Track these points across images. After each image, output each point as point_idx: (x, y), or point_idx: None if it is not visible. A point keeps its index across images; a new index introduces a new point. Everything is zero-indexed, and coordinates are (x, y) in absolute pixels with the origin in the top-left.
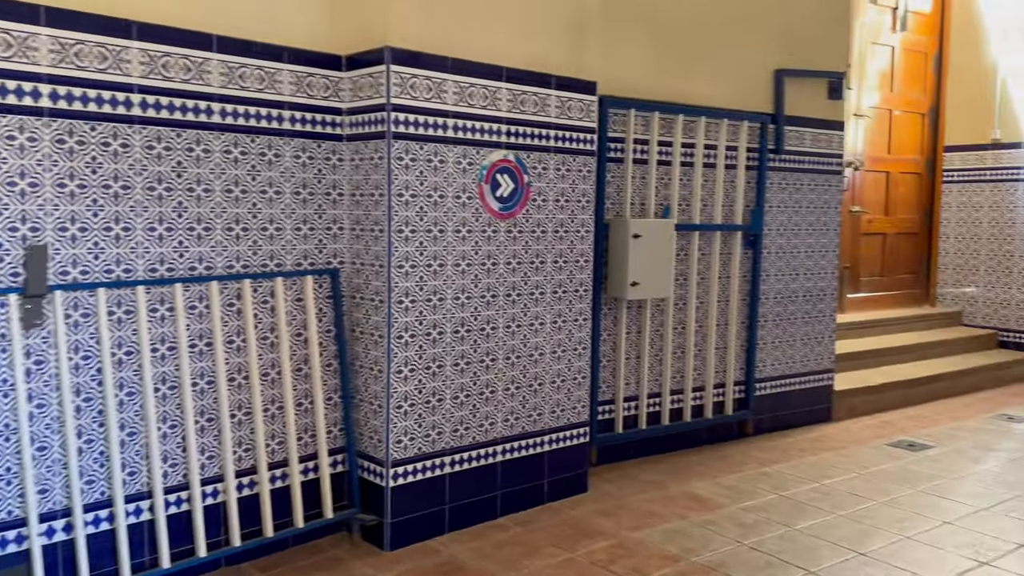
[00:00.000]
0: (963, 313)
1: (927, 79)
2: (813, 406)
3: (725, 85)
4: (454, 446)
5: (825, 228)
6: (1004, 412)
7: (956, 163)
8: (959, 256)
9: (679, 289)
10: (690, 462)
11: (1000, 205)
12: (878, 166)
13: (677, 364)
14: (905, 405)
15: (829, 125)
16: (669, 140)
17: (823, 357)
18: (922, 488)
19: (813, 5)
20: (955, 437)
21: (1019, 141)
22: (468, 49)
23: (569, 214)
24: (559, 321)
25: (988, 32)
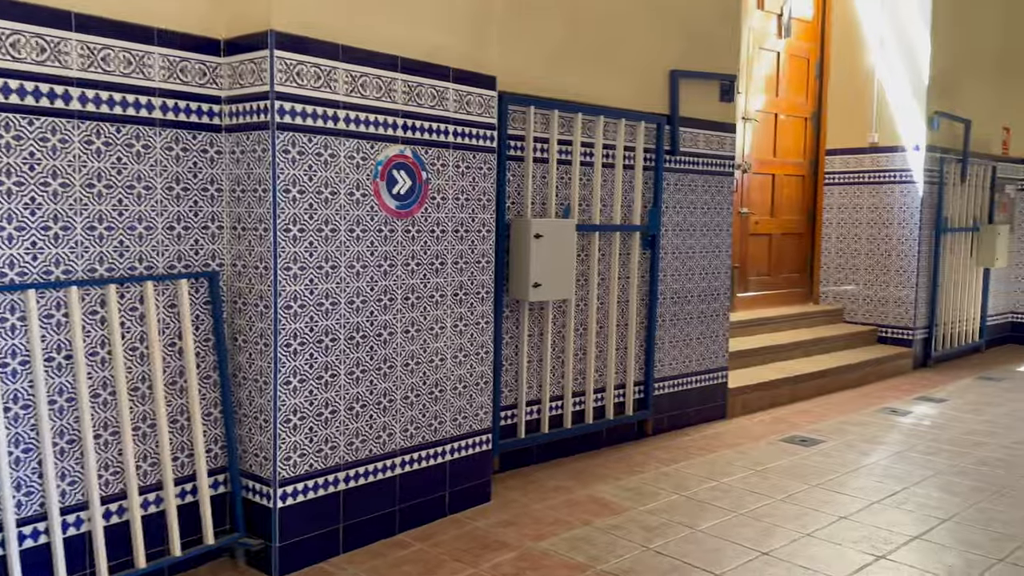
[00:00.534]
0: (845, 310)
1: (810, 84)
2: (709, 404)
3: (623, 85)
4: (349, 461)
5: (719, 229)
6: (888, 405)
7: (837, 166)
8: (840, 256)
9: (580, 290)
10: (593, 464)
11: (878, 207)
12: (764, 169)
13: (579, 366)
14: (795, 400)
15: (721, 127)
16: (569, 139)
17: (718, 355)
18: (817, 483)
19: (706, 8)
20: (844, 431)
21: (896, 145)
22: (361, 37)
23: (470, 213)
24: (460, 325)
25: (866, 39)
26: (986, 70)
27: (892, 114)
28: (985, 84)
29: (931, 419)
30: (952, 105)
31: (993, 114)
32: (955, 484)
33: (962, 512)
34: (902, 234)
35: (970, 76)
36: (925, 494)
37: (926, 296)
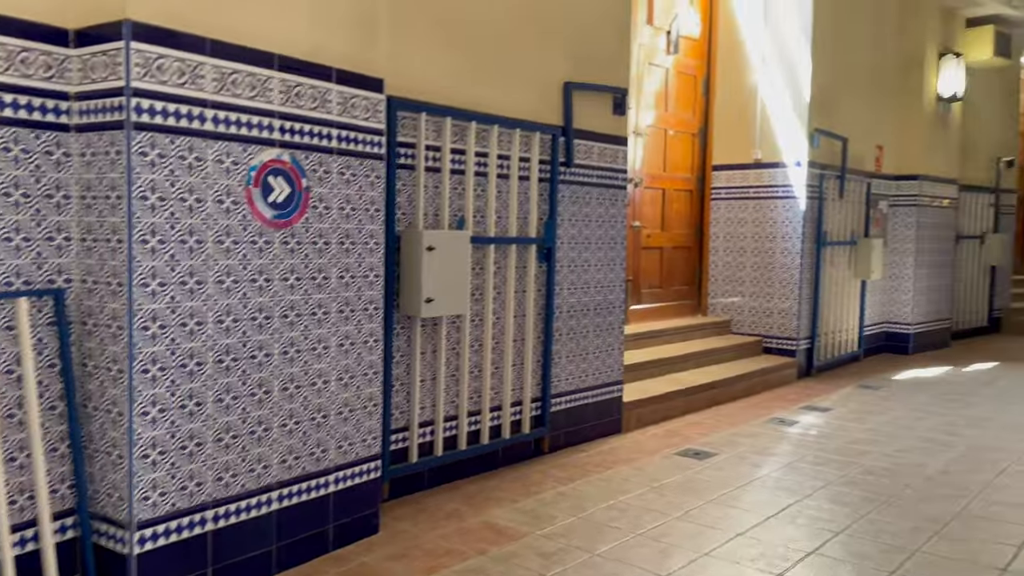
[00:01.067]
0: (732, 322)
1: (697, 101)
2: (605, 419)
3: (517, 95)
4: (218, 498)
5: (613, 242)
6: (776, 416)
7: (723, 181)
8: (728, 268)
9: (475, 305)
10: (489, 487)
11: (763, 221)
12: (655, 183)
13: (474, 384)
14: (688, 412)
15: (614, 140)
16: (463, 148)
17: (613, 369)
18: (712, 499)
19: (598, 22)
20: (735, 443)
21: (778, 161)
22: (233, 30)
23: (356, 224)
24: (346, 344)
25: (750, 57)
26: (860, 91)
27: (775, 131)
28: (860, 104)
29: (817, 429)
30: (831, 123)
31: (867, 132)
32: (844, 495)
33: (853, 524)
34: (785, 247)
35: (846, 96)
36: (817, 506)
37: (808, 307)
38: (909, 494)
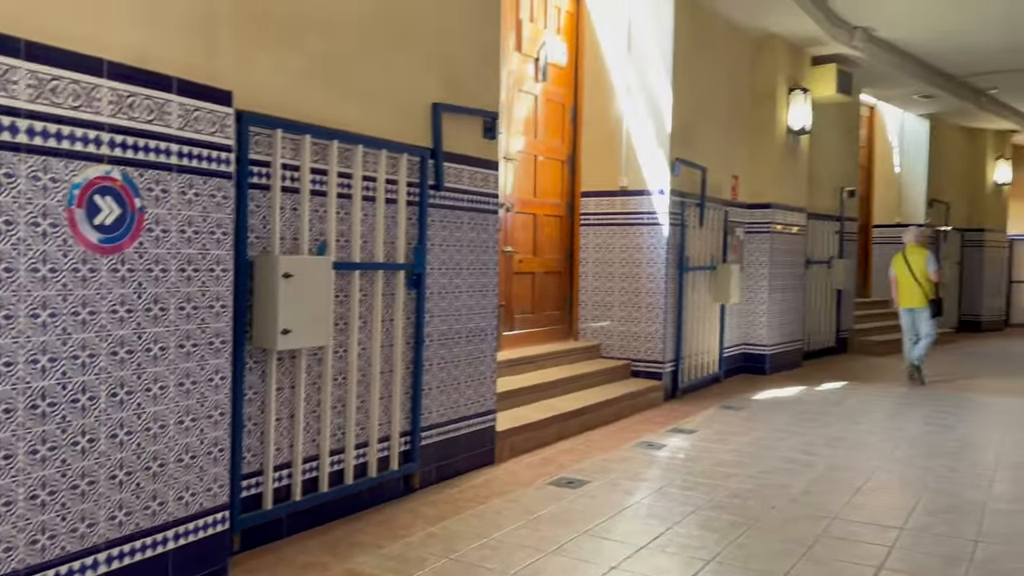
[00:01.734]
0: (602, 346)
1: (565, 128)
2: (478, 450)
3: (384, 114)
4: (32, 564)
5: (485, 267)
6: (645, 439)
7: (592, 207)
8: (597, 293)
9: (339, 335)
10: (354, 530)
11: (629, 247)
12: (526, 208)
13: (338, 420)
14: (561, 439)
15: (485, 164)
16: (324, 168)
17: (486, 398)
18: (586, 530)
19: (467, 45)
20: (607, 469)
21: (643, 188)
22: (53, 32)
23: (200, 249)
24: (188, 383)
25: (615, 87)
26: (717, 123)
27: (640, 159)
28: (717, 135)
29: (685, 452)
30: (691, 153)
31: (724, 162)
32: (713, 520)
33: (723, 551)
34: (651, 273)
35: (705, 127)
36: (687, 533)
37: (673, 331)
38: (775, 516)
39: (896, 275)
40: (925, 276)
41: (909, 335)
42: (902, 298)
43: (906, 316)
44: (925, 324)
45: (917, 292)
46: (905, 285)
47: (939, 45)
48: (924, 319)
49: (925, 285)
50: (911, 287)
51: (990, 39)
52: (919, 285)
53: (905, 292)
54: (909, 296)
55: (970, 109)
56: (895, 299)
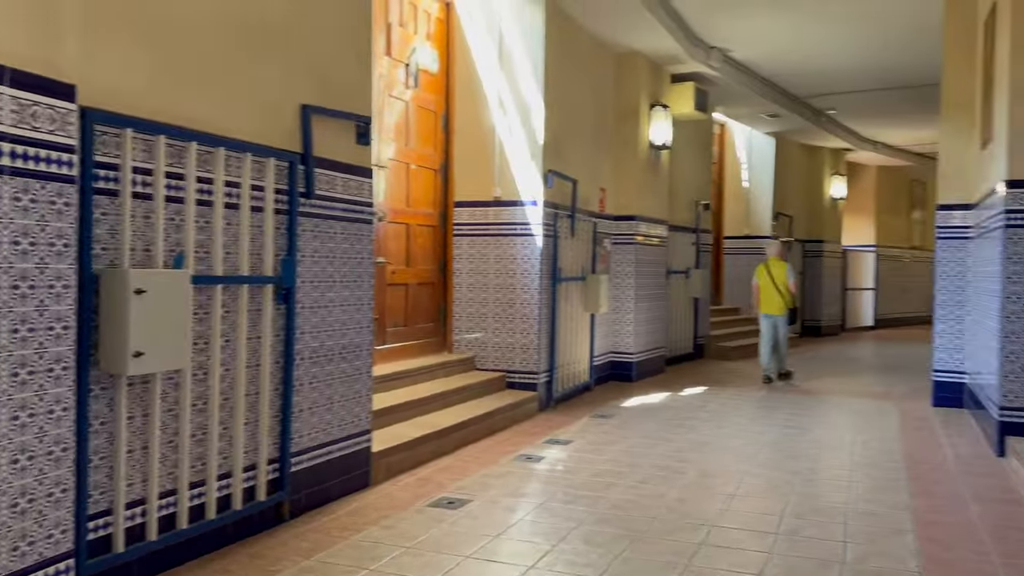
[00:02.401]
0: (477, 358)
1: (437, 136)
2: (353, 473)
3: (248, 115)
4: None
5: (359, 280)
6: (523, 452)
7: (465, 217)
8: (471, 305)
9: (199, 356)
10: (219, 569)
11: (503, 257)
12: (399, 218)
13: (198, 449)
14: (438, 456)
15: (359, 171)
16: (181, 172)
17: (361, 418)
18: (470, 553)
19: (339, 44)
20: (488, 486)
21: (516, 199)
22: None
23: (37, 263)
24: (23, 416)
25: (487, 97)
26: (586, 137)
27: (513, 170)
28: (585, 149)
29: (563, 463)
30: (562, 165)
31: (592, 175)
32: (597, 534)
33: (610, 567)
34: (525, 283)
35: (574, 140)
36: (573, 550)
37: (547, 341)
38: (656, 527)
39: (759, 284)
40: (785, 286)
41: (767, 340)
42: (764, 306)
43: (766, 322)
44: (783, 330)
45: (777, 300)
46: (767, 294)
47: (785, 67)
48: (782, 325)
49: (785, 295)
50: (772, 296)
51: (830, 64)
52: (780, 294)
53: (767, 300)
54: (769, 304)
55: (811, 128)
56: (756, 307)
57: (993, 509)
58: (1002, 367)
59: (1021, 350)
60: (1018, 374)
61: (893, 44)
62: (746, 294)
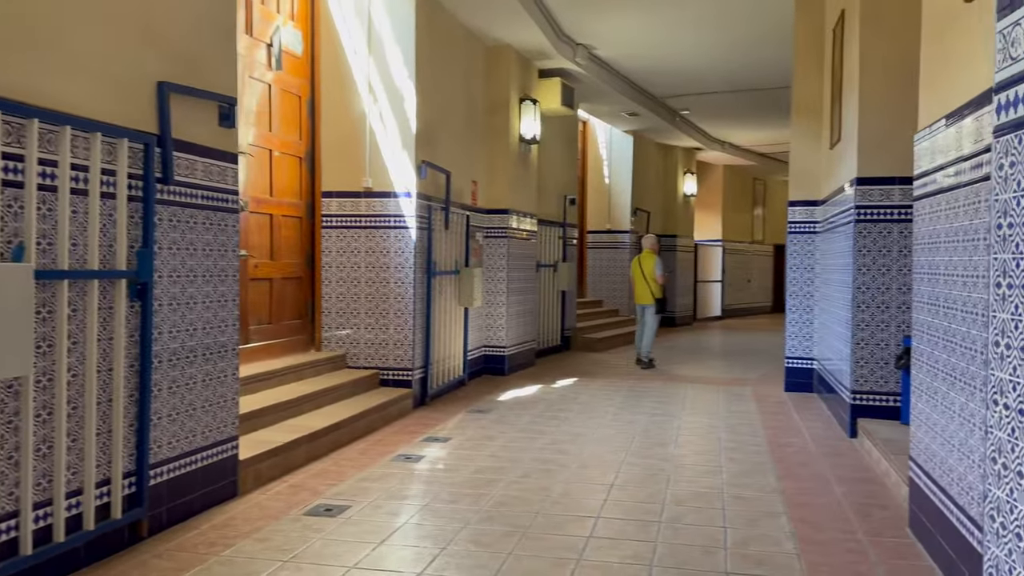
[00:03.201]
0: (348, 356)
1: (303, 122)
2: (219, 483)
3: (97, 91)
4: None
5: (224, 274)
6: (401, 452)
7: (334, 208)
8: (342, 300)
9: (41, 361)
10: None
11: (376, 250)
12: (262, 208)
13: (43, 465)
14: (311, 460)
15: (222, 156)
16: (20, 152)
17: (227, 424)
18: (355, 563)
19: (198, 17)
20: (367, 490)
21: (389, 190)
22: None
23: None
24: None
25: (356, 83)
26: (459, 128)
27: (385, 160)
28: (458, 141)
29: (443, 462)
30: (435, 156)
31: (465, 168)
32: (485, 533)
33: (502, 567)
34: (399, 278)
35: (447, 131)
36: (463, 552)
37: (422, 337)
38: (542, 522)
39: (633, 276)
40: (653, 278)
41: (641, 328)
42: (636, 296)
43: (639, 311)
44: (653, 318)
45: (646, 291)
46: (639, 285)
47: (645, 66)
48: (650, 314)
49: (653, 285)
50: (643, 287)
51: (687, 65)
52: (648, 285)
53: (639, 291)
54: (641, 294)
55: (666, 127)
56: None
57: (854, 488)
58: (853, 354)
59: (870, 337)
60: (868, 360)
61: (744, 48)
62: (608, 287)
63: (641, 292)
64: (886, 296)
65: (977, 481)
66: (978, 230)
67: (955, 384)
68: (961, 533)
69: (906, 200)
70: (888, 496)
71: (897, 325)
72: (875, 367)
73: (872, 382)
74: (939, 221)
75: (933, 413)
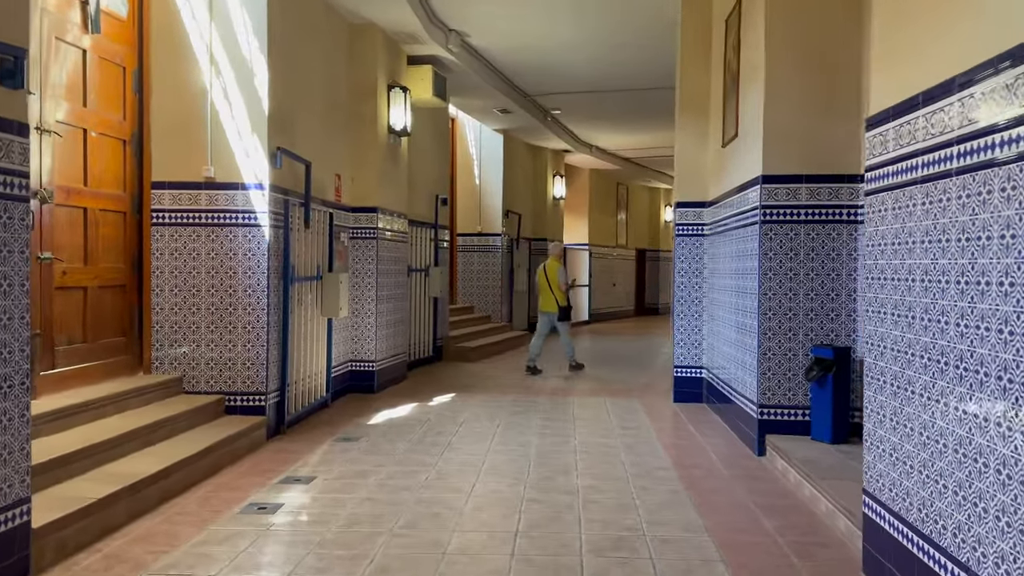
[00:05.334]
0: (185, 378)
1: (128, 98)
2: (2, 564)
3: None
4: None
5: (9, 284)
6: (253, 500)
7: (167, 202)
8: (177, 312)
9: None
10: None
11: (220, 253)
12: (73, 200)
13: None
14: (136, 517)
15: (4, 126)
16: None
17: (12, 483)
18: None
19: None
20: (209, 559)
21: (237, 181)
22: None
23: None
24: None
25: (196, 54)
26: (319, 113)
27: (232, 146)
28: (319, 127)
29: (307, 511)
30: (293, 143)
31: (328, 159)
32: None
33: None
34: (249, 284)
35: (307, 116)
36: None
37: (277, 354)
38: None
39: (539, 284)
40: (557, 285)
41: (542, 334)
42: (541, 303)
43: (543, 318)
44: (561, 326)
45: (550, 299)
46: (544, 293)
47: (520, 60)
48: (554, 321)
49: (557, 293)
50: (548, 295)
51: (562, 60)
52: (552, 293)
53: (544, 299)
54: (546, 302)
55: (537, 127)
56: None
57: (785, 522)
58: (760, 364)
59: (777, 347)
60: (775, 371)
61: (623, 42)
62: (479, 292)
63: (545, 300)
64: (793, 303)
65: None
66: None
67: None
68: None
69: (814, 200)
70: (825, 531)
71: (805, 333)
72: (782, 379)
73: (780, 395)
74: (912, 218)
75: (894, 437)
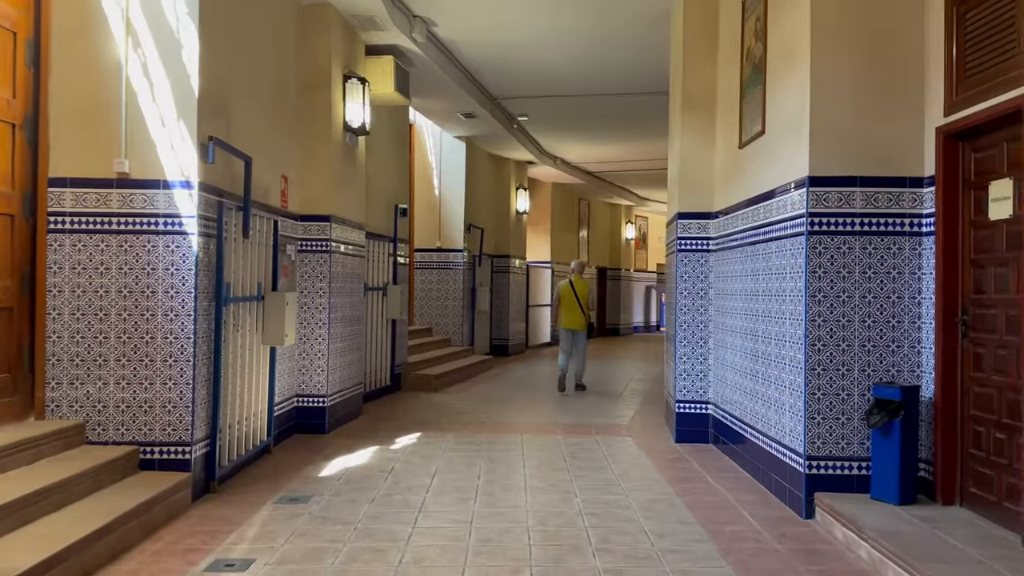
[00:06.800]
0: (88, 425)
1: (19, 73)
2: None
3: None
4: None
5: None
6: None
7: (69, 204)
8: (79, 341)
9: None
10: None
11: (135, 267)
12: None
13: None
14: None
15: None
16: None
17: None
18: None
19: None
20: None
21: (157, 178)
22: None
23: None
24: None
25: (108, 21)
26: (263, 102)
27: (151, 133)
28: (263, 118)
29: None
30: (230, 134)
31: (273, 157)
32: None
33: None
34: (171, 306)
35: (248, 103)
36: None
37: (206, 392)
38: None
39: (564, 300)
40: (587, 303)
41: (566, 350)
42: (566, 320)
43: (567, 335)
44: (582, 343)
45: (580, 317)
46: (573, 311)
47: (490, 55)
48: (582, 339)
49: (588, 310)
50: (577, 313)
51: (536, 58)
52: (583, 310)
53: (570, 315)
54: (572, 319)
55: (502, 134)
56: (555, 320)
57: None
58: (808, 407)
59: (828, 385)
60: (825, 414)
61: (607, 37)
62: (439, 312)
63: (575, 318)
64: (847, 331)
65: None
66: None
67: None
68: None
69: (871, 207)
70: None
71: (861, 368)
72: (834, 424)
73: (832, 444)
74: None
75: None
